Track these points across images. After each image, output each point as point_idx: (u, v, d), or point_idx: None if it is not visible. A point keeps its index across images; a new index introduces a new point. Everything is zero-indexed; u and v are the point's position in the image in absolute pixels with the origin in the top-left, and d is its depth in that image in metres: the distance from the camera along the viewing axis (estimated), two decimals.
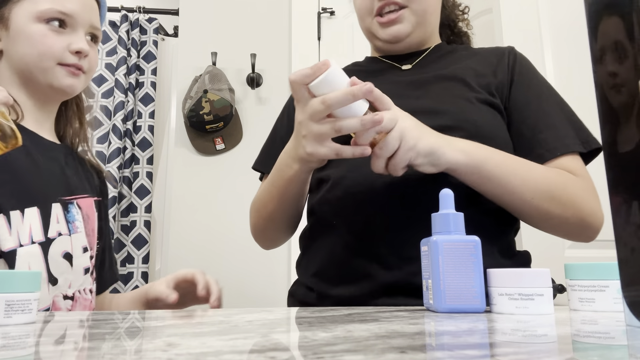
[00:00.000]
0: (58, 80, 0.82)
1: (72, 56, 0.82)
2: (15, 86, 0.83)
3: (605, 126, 0.28)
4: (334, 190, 0.76)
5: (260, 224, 0.84)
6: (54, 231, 0.76)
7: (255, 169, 0.93)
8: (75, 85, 0.84)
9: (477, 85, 0.77)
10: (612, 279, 0.48)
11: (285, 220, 0.82)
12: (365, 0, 0.83)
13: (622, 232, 0.28)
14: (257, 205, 0.84)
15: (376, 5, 0.81)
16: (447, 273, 0.50)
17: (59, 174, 0.83)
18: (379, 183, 0.71)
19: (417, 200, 0.69)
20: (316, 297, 0.75)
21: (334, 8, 2.04)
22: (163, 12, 2.16)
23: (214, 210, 1.93)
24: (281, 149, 0.81)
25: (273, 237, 0.87)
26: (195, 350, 0.27)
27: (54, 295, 0.75)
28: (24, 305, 0.41)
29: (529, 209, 0.68)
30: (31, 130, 0.82)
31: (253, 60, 1.98)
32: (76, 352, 0.27)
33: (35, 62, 0.81)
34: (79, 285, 0.80)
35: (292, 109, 0.88)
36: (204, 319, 0.43)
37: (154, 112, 2.02)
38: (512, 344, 0.29)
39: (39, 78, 0.82)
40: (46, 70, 0.81)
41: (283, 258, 1.88)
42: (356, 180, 0.73)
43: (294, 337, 0.33)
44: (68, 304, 0.77)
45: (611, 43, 0.26)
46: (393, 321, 0.41)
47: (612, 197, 0.28)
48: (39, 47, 0.80)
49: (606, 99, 0.27)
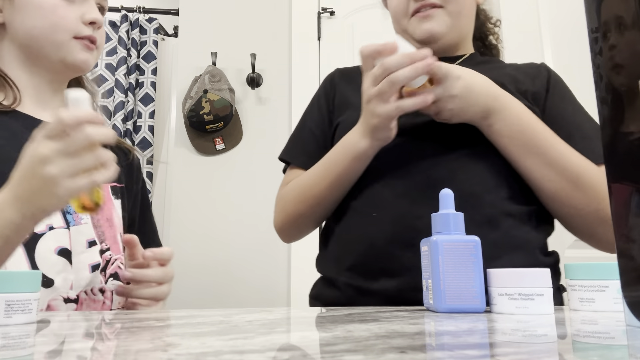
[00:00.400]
0: (72, 55, 0.75)
1: (86, 28, 0.76)
2: (17, 63, 0.76)
3: (604, 127, 0.28)
4: (374, 182, 0.75)
5: (301, 211, 0.81)
6: (41, 224, 0.67)
7: (282, 159, 0.91)
8: (89, 61, 0.78)
9: (515, 90, 0.78)
10: (612, 279, 0.48)
11: (331, 205, 0.80)
12: (402, 1, 0.83)
13: (622, 233, 0.28)
14: (297, 192, 0.81)
15: (412, 6, 0.82)
16: (447, 273, 0.50)
17: None
18: (418, 174, 0.73)
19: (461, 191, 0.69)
20: (354, 292, 0.73)
21: (334, 8, 2.04)
22: (163, 12, 2.16)
23: (214, 210, 1.93)
24: (310, 139, 0.84)
25: (306, 227, 0.86)
26: (195, 350, 0.27)
27: (51, 298, 0.67)
28: (24, 305, 0.41)
29: (555, 187, 0.71)
30: (26, 114, 0.75)
31: (253, 60, 1.98)
32: (76, 352, 0.27)
33: (47, 35, 0.74)
34: (84, 286, 0.71)
35: (322, 101, 0.89)
36: (204, 319, 0.43)
37: (154, 112, 2.02)
38: (512, 344, 0.29)
39: (49, 53, 0.75)
40: (60, 44, 0.74)
41: (283, 258, 1.88)
42: (395, 172, 0.74)
43: (294, 337, 0.33)
44: (70, 307, 0.69)
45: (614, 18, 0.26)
46: (393, 321, 0.41)
47: (613, 197, 0.28)
48: (51, 18, 0.73)
49: (608, 86, 0.27)
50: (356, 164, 0.74)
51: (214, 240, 1.90)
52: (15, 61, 0.76)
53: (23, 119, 0.74)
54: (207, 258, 1.87)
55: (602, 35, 0.26)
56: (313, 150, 0.86)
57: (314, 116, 0.90)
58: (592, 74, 0.27)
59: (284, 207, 0.84)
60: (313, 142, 0.87)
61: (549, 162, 0.70)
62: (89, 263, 0.72)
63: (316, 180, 0.78)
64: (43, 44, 0.74)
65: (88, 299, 0.71)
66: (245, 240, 1.89)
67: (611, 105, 0.27)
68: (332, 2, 2.05)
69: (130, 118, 1.98)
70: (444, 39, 0.83)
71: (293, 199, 0.82)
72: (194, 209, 1.93)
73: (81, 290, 0.70)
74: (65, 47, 0.75)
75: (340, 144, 0.76)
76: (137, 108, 2.01)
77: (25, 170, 0.56)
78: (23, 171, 0.56)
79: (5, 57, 0.76)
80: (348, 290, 0.74)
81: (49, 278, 0.67)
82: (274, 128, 2.00)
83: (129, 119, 1.97)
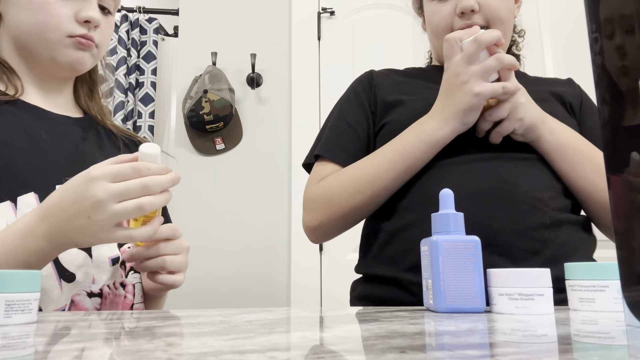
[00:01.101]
0: (64, 54, 0.71)
1: (80, 27, 0.71)
2: (15, 56, 0.73)
3: (604, 127, 0.28)
4: (435, 179, 0.75)
5: (358, 203, 0.77)
6: None
7: (320, 155, 0.86)
8: (83, 60, 0.73)
9: (559, 102, 0.82)
10: (612, 279, 0.48)
11: (390, 195, 0.78)
12: (447, 16, 0.82)
13: (623, 233, 0.28)
14: (351, 184, 0.78)
15: (457, 24, 0.81)
16: (447, 273, 0.50)
17: (70, 151, 0.72)
18: (485, 174, 0.74)
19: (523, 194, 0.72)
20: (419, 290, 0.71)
21: (334, 8, 2.04)
22: (163, 12, 2.16)
23: (213, 210, 1.93)
24: (352, 136, 0.85)
25: (353, 222, 0.83)
26: (195, 350, 0.27)
27: (74, 294, 0.65)
28: (24, 305, 0.41)
29: (597, 198, 0.73)
30: (34, 105, 0.72)
31: (253, 60, 1.98)
32: (76, 352, 0.27)
33: (37, 33, 0.69)
34: (106, 280, 0.69)
35: (363, 98, 0.88)
36: (204, 319, 0.43)
37: (154, 112, 2.02)
38: (512, 344, 0.29)
39: (41, 52, 0.71)
40: (51, 43, 0.70)
41: (283, 258, 1.88)
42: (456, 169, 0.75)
43: (294, 337, 0.33)
44: (96, 302, 0.67)
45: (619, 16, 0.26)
46: (393, 321, 0.41)
47: (613, 198, 0.28)
48: (41, 16, 0.69)
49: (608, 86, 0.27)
50: (433, 152, 0.75)
51: (214, 240, 1.89)
52: (13, 53, 0.73)
53: (32, 110, 0.72)
54: (207, 258, 1.87)
55: (603, 35, 0.26)
56: (354, 147, 0.84)
57: (355, 113, 0.87)
58: (592, 73, 0.27)
59: (327, 203, 0.80)
60: (355, 140, 0.85)
61: (584, 176, 0.73)
62: (109, 256, 0.70)
63: (382, 170, 0.76)
64: (34, 41, 0.70)
65: (111, 292, 0.69)
66: (246, 240, 1.89)
67: (612, 105, 0.27)
68: (332, 2, 2.05)
69: (130, 118, 1.98)
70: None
71: (345, 192, 0.78)
72: (194, 209, 1.93)
73: (104, 284, 0.69)
74: (57, 47, 0.70)
75: (411, 133, 0.76)
76: (137, 108, 2.01)
77: (71, 205, 0.54)
78: (66, 205, 0.54)
79: (4, 48, 0.73)
80: (413, 287, 0.72)
81: (71, 272, 0.65)
82: (274, 128, 2.00)
83: (129, 119, 1.97)
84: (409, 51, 1.94)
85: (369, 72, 0.92)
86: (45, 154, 0.69)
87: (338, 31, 2.04)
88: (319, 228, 0.82)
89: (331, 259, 1.83)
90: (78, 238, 0.55)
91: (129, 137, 0.86)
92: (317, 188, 0.83)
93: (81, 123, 0.77)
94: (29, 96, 0.73)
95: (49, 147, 0.69)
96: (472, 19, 0.80)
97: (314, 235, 0.85)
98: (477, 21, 0.80)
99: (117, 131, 0.84)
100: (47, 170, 0.67)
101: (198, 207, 1.94)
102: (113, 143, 0.81)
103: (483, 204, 0.71)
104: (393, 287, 0.75)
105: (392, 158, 0.76)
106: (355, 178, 0.78)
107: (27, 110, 0.71)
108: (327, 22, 2.05)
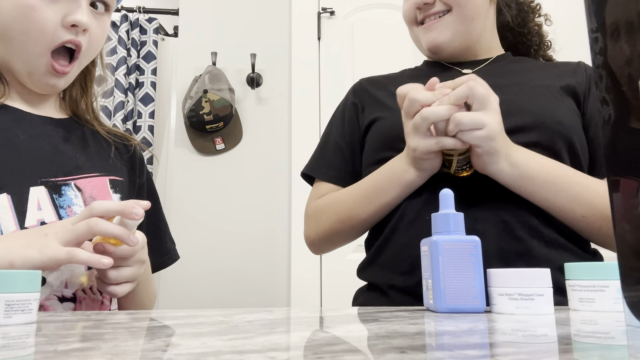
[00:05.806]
0: (39, 76, 0.69)
1: (67, 32, 0.67)
2: (0, 59, 0.70)
3: (605, 127, 0.28)
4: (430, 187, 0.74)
5: (339, 230, 0.80)
6: (33, 219, 0.64)
7: (307, 174, 0.90)
8: (57, 85, 0.71)
9: (559, 86, 0.78)
10: (612, 279, 0.48)
11: (371, 226, 0.79)
12: (408, 9, 0.85)
13: (623, 233, 0.28)
14: (334, 212, 0.80)
15: (418, 16, 0.84)
16: (447, 273, 0.50)
17: (48, 151, 0.70)
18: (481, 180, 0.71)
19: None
20: (410, 299, 0.71)
21: (334, 8, 2.04)
22: (163, 12, 2.16)
23: (213, 210, 1.93)
24: (336, 152, 0.85)
25: (341, 243, 0.85)
26: (195, 350, 0.27)
27: (44, 298, 0.63)
28: (23, 305, 0.41)
29: (580, 225, 0.70)
30: (14, 107, 0.70)
31: (253, 60, 1.98)
32: (76, 352, 0.27)
33: (20, 43, 0.66)
34: (81, 284, 0.67)
35: (347, 112, 0.88)
36: (204, 319, 0.43)
37: (154, 112, 2.02)
38: (512, 344, 0.29)
39: (19, 66, 0.68)
40: (30, 58, 0.67)
41: (283, 258, 1.88)
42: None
43: (294, 337, 0.33)
44: (68, 306, 0.65)
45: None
46: (393, 321, 0.41)
47: (613, 198, 0.28)
48: (26, 23, 0.64)
49: (609, 86, 0.27)
50: (405, 192, 0.73)
51: (214, 240, 1.90)
52: None
53: (12, 112, 0.70)
54: (207, 258, 1.87)
55: (603, 35, 0.26)
56: (339, 162, 0.86)
57: (339, 128, 0.89)
58: (592, 73, 0.27)
59: (318, 223, 0.83)
60: (339, 155, 0.86)
61: (558, 207, 0.69)
62: None
63: (358, 204, 0.77)
64: (14, 52, 0.68)
65: (87, 297, 0.68)
66: (246, 240, 1.89)
67: (612, 105, 0.27)
68: (332, 2, 2.05)
69: (130, 118, 1.98)
70: (452, 46, 0.83)
71: (330, 219, 0.81)
72: (194, 209, 1.93)
73: (77, 288, 0.67)
74: (34, 65, 0.68)
75: (385, 170, 0.75)
76: (137, 108, 2.01)
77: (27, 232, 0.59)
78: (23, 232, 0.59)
79: None
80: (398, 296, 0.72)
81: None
82: (274, 128, 2.00)
83: (129, 119, 1.97)
84: (409, 51, 1.94)
85: (358, 82, 0.92)
86: (19, 154, 0.67)
87: (338, 31, 2.04)
88: (313, 244, 0.87)
89: (331, 259, 1.83)
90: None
91: (122, 138, 0.84)
92: (313, 206, 0.86)
93: (64, 124, 0.76)
94: (12, 99, 0.72)
95: (24, 148, 0.68)
96: (433, 9, 0.82)
97: (311, 248, 0.89)
98: (438, 8, 0.81)
99: (106, 132, 0.82)
100: (20, 172, 0.66)
101: (198, 207, 1.94)
102: (99, 144, 0.79)
103: (474, 210, 0.70)
104: (386, 298, 0.75)
105: (368, 194, 0.76)
106: (338, 207, 0.80)
107: (6, 112, 0.70)
108: (327, 22, 2.05)
